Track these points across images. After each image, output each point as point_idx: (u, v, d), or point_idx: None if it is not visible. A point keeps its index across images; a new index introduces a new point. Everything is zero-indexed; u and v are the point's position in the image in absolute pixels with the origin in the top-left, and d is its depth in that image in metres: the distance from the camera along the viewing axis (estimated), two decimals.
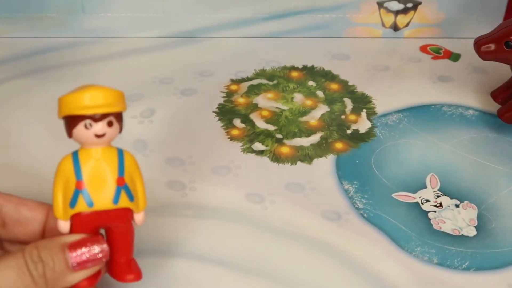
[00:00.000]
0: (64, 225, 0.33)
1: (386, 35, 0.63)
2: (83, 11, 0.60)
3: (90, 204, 0.33)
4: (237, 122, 0.52)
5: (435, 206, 0.45)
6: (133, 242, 0.36)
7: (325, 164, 0.48)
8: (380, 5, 0.62)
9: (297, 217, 0.44)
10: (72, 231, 0.33)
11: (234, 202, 0.45)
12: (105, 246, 0.33)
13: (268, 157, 0.49)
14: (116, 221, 0.34)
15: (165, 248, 0.42)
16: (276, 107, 0.54)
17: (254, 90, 0.56)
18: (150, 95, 0.55)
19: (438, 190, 0.46)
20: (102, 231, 0.35)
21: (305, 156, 0.49)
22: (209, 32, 0.62)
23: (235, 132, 0.51)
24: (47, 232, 0.36)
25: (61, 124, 0.38)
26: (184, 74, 0.58)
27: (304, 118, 0.53)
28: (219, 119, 0.53)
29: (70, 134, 0.33)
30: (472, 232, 0.43)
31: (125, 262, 0.36)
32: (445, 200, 0.46)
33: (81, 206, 0.33)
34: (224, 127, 0.52)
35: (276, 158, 0.49)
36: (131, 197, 0.34)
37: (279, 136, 0.51)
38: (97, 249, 0.33)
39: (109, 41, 0.61)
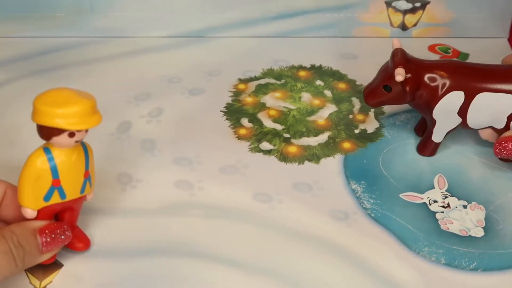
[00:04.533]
0: (32, 213, 0.37)
1: (394, 35, 0.63)
2: (91, 10, 0.60)
3: (63, 197, 0.37)
4: (244, 121, 0.52)
5: (443, 206, 0.45)
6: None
7: (333, 163, 0.48)
8: (388, 4, 0.62)
9: (304, 216, 0.44)
10: (37, 217, 0.37)
11: (241, 202, 0.45)
12: (69, 232, 0.38)
13: (276, 156, 0.49)
14: (75, 205, 0.39)
15: (173, 248, 0.42)
16: (284, 107, 0.54)
17: (262, 89, 0.56)
18: (158, 94, 0.55)
19: (446, 191, 0.46)
20: None
21: (312, 155, 0.49)
22: (217, 31, 0.62)
23: (242, 131, 0.51)
24: (2, 207, 0.39)
25: None
26: (192, 74, 0.58)
27: (312, 118, 0.53)
28: (227, 119, 0.53)
29: (48, 139, 0.35)
30: (480, 233, 0.43)
31: (74, 234, 0.40)
32: (453, 201, 0.45)
33: (55, 200, 0.37)
34: (232, 126, 0.52)
35: (284, 158, 0.49)
36: (90, 184, 0.39)
37: (286, 135, 0.51)
38: (62, 235, 0.38)
39: (117, 41, 0.61)
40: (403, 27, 0.63)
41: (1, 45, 0.60)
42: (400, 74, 0.44)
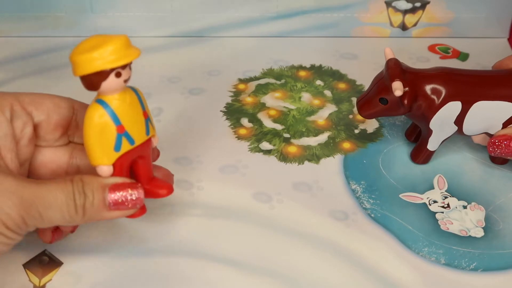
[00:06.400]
0: (108, 169, 0.36)
1: (394, 35, 0.63)
2: (91, 10, 0.60)
3: (132, 143, 0.36)
4: (244, 121, 0.52)
5: (443, 207, 0.45)
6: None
7: (333, 163, 0.48)
8: (388, 4, 0.62)
9: (304, 216, 0.44)
10: (114, 173, 0.36)
11: (241, 201, 0.45)
12: (142, 194, 0.36)
13: (276, 156, 0.49)
14: (146, 150, 0.38)
15: (172, 247, 0.42)
16: (284, 107, 0.54)
17: (262, 89, 0.56)
18: (158, 94, 0.55)
19: (446, 191, 0.46)
20: None
21: (312, 155, 0.49)
22: (217, 31, 0.62)
23: (242, 131, 0.51)
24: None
25: None
26: (192, 73, 0.58)
27: (312, 118, 0.53)
28: (227, 118, 0.53)
29: (97, 87, 0.34)
30: (479, 233, 0.43)
31: (153, 184, 0.39)
32: (453, 201, 0.45)
33: (125, 147, 0.36)
34: (232, 126, 0.52)
35: (284, 158, 0.49)
36: (153, 125, 0.38)
37: (286, 135, 0.51)
38: (133, 196, 0.36)
39: None
40: (403, 27, 0.63)
41: (1, 45, 0.60)
42: (398, 89, 0.43)
